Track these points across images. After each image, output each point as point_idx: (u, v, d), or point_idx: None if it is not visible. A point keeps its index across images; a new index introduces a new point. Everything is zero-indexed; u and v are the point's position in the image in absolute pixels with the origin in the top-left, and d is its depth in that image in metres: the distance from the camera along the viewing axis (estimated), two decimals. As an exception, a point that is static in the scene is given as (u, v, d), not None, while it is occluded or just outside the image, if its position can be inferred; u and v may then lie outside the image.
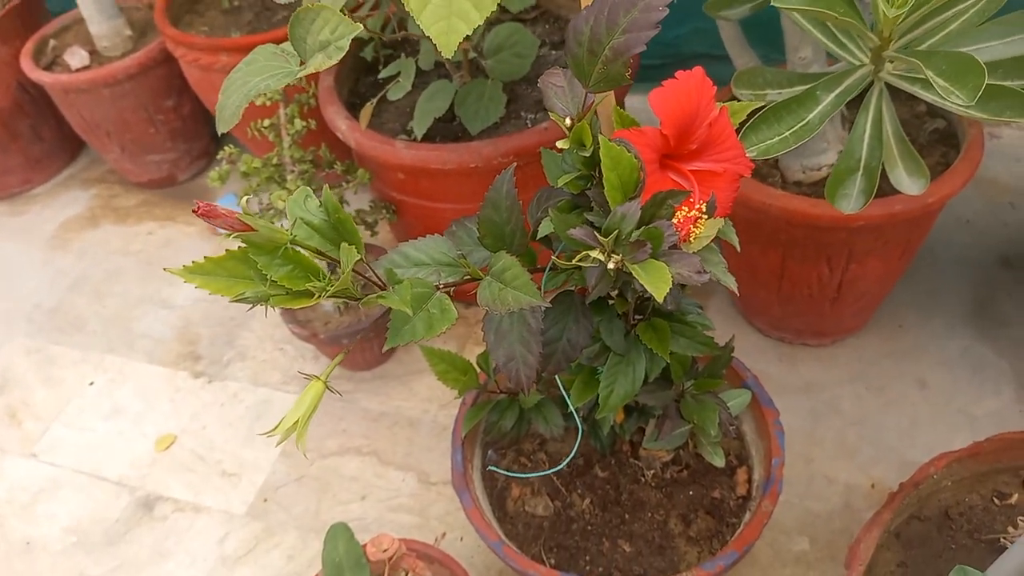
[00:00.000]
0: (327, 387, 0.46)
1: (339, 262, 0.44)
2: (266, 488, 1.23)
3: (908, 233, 1.05)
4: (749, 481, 0.88)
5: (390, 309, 0.48)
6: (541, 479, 0.91)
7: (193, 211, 0.38)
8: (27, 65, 1.58)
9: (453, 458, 0.88)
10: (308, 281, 0.41)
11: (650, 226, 0.42)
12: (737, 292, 0.50)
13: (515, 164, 0.53)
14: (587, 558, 0.86)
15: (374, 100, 1.08)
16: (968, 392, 1.19)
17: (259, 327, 1.46)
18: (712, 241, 0.57)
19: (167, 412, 1.36)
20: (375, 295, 0.44)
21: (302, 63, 0.59)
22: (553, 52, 1.33)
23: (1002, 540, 0.79)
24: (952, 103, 0.51)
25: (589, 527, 0.88)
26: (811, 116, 0.63)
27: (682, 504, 0.87)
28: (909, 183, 0.71)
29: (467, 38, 1.15)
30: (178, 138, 1.70)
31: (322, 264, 0.47)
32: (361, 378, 1.35)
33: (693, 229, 0.46)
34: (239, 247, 0.41)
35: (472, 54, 1.15)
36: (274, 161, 1.16)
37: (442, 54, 0.53)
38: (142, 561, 1.17)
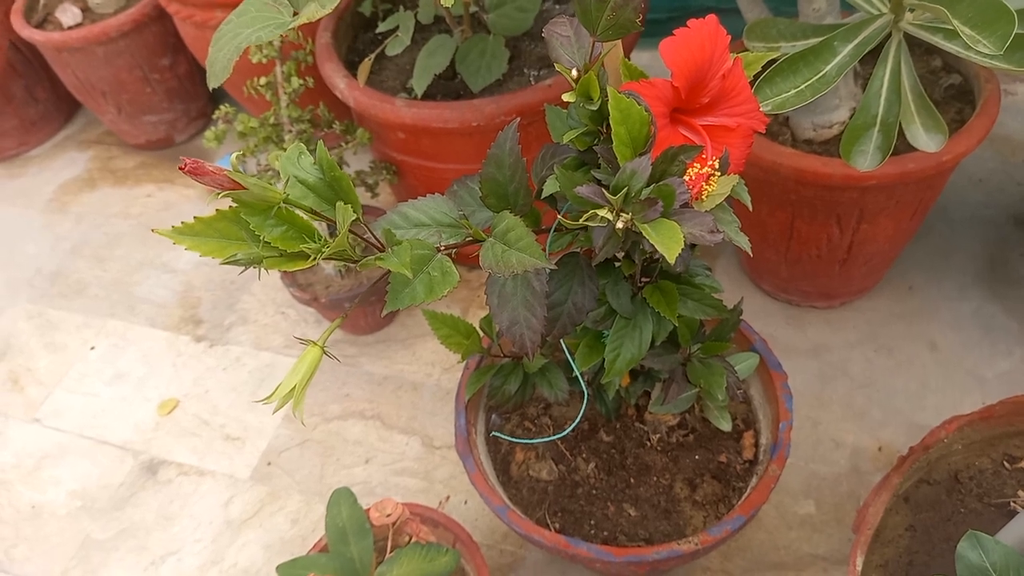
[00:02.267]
0: (324, 352, 0.44)
1: (335, 222, 0.42)
2: (270, 452, 1.23)
3: (921, 192, 1.03)
4: (756, 445, 0.87)
5: (390, 271, 0.47)
6: (545, 443, 0.90)
7: (180, 168, 0.36)
8: (18, 23, 1.54)
9: (457, 422, 0.87)
10: (303, 242, 0.39)
11: (661, 183, 0.40)
12: (750, 252, 0.48)
13: (517, 120, 0.51)
14: (592, 522, 0.85)
15: (372, 55, 1.05)
16: (979, 354, 1.18)
17: (260, 291, 1.44)
18: (723, 200, 0.55)
19: (169, 377, 1.35)
20: (373, 257, 0.42)
21: (295, 13, 0.56)
22: (557, 6, 1.29)
23: (1012, 504, 0.78)
24: (979, 52, 0.48)
25: (594, 491, 0.87)
26: (828, 68, 0.61)
27: (688, 468, 0.87)
28: (926, 139, 0.68)
29: (470, -9, 1.11)
30: (175, 98, 1.67)
31: (321, 226, 0.45)
32: (364, 342, 1.34)
33: (705, 187, 0.44)
34: (231, 207, 0.40)
35: (473, 8, 1.11)
36: (271, 121, 1.13)
37: (442, 3, 0.50)
38: (148, 525, 1.17)
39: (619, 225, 0.40)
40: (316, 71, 1.21)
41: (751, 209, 0.54)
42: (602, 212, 0.40)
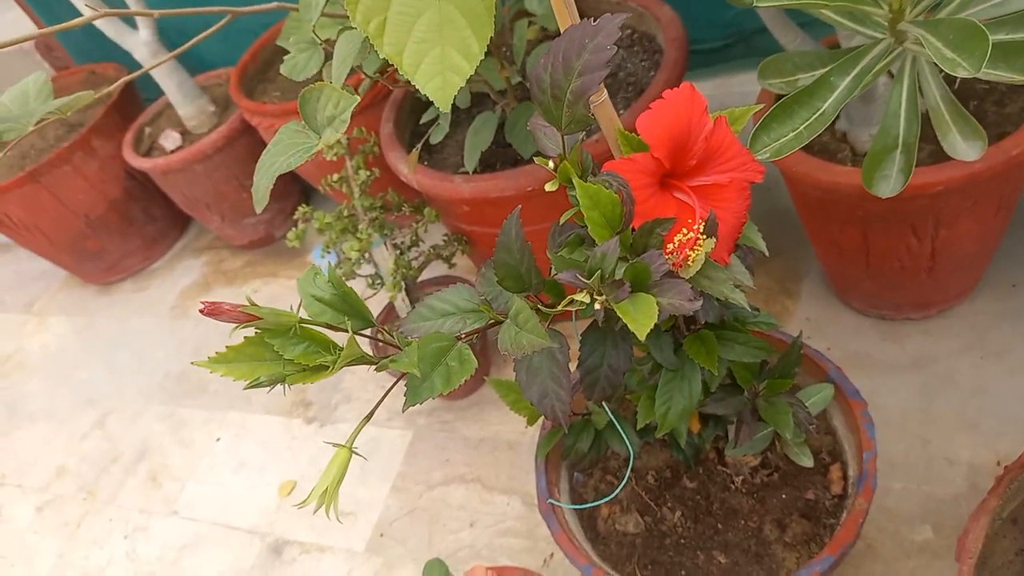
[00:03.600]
0: (353, 452, 0.48)
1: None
2: (381, 524, 1.28)
3: (999, 188, 0.98)
4: (844, 478, 0.84)
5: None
6: (628, 494, 0.91)
7: (200, 311, 0.42)
8: (129, 155, 1.73)
9: (538, 484, 0.89)
10: (321, 356, 0.44)
11: (636, 261, 0.42)
12: (747, 307, 0.48)
13: (519, 207, 0.54)
14: (683, 573, 0.84)
15: (418, 146, 1.12)
16: (1102, 348, 1.09)
17: (361, 369, 1.52)
18: (737, 250, 0.56)
19: (286, 460, 1.44)
20: (388, 359, 0.46)
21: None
22: (602, 60, 1.32)
23: None
24: (959, 75, 0.47)
25: (682, 540, 0.86)
26: (826, 106, 0.60)
27: (776, 508, 0.85)
28: (965, 148, 0.66)
29: (508, 64, 1.16)
30: (270, 199, 1.80)
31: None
32: (459, 407, 1.39)
33: (690, 253, 0.45)
34: (256, 333, 0.45)
35: (516, 79, 1.16)
36: (345, 213, 1.21)
37: (439, 108, 0.54)
38: (278, 603, 1.25)
39: (596, 307, 0.42)
40: (383, 160, 1.29)
41: (767, 255, 0.55)
42: (579, 296, 0.43)
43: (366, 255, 1.24)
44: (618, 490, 0.78)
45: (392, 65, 0.62)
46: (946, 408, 1.10)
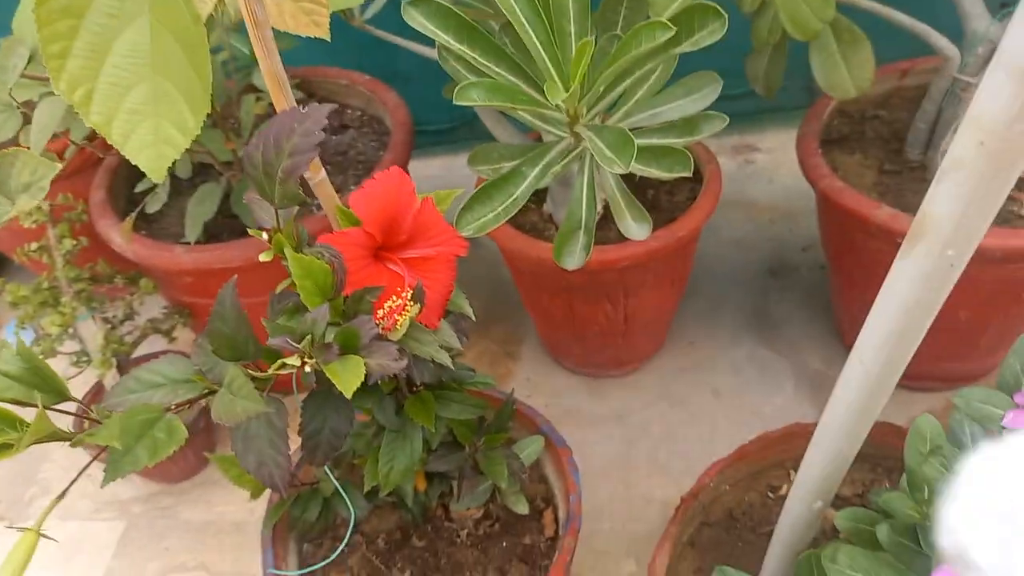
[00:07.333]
0: (42, 536, 0.45)
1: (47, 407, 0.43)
2: (86, 629, 1.15)
3: (671, 264, 1.16)
4: (556, 521, 0.93)
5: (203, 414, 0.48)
6: (359, 561, 0.92)
7: None
8: None
9: (263, 558, 0.87)
10: (6, 434, 0.41)
11: (346, 325, 0.46)
12: (450, 365, 0.54)
13: (235, 277, 0.55)
14: (413, 632, 0.86)
15: (132, 215, 1.07)
16: (757, 393, 1.31)
17: (62, 456, 1.37)
18: (448, 316, 0.61)
19: (-36, 569, 1.24)
20: (84, 434, 0.44)
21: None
22: (334, 137, 1.36)
23: (778, 530, 0.88)
24: (615, 171, 0.58)
25: (412, 600, 0.89)
26: (518, 191, 0.70)
27: (497, 557, 0.90)
28: (637, 229, 0.79)
29: (236, 136, 1.16)
30: (-52, 268, 1.58)
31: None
32: (182, 489, 1.30)
33: (398, 318, 0.50)
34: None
35: (241, 152, 1.16)
36: (45, 285, 1.11)
37: (151, 179, 0.54)
38: None
39: (307, 369, 0.45)
40: (93, 228, 1.20)
41: (475, 320, 0.61)
42: (290, 360, 0.45)
43: (70, 330, 1.13)
44: (340, 548, 0.79)
45: (101, 132, 0.61)
46: (642, 453, 1.25)
